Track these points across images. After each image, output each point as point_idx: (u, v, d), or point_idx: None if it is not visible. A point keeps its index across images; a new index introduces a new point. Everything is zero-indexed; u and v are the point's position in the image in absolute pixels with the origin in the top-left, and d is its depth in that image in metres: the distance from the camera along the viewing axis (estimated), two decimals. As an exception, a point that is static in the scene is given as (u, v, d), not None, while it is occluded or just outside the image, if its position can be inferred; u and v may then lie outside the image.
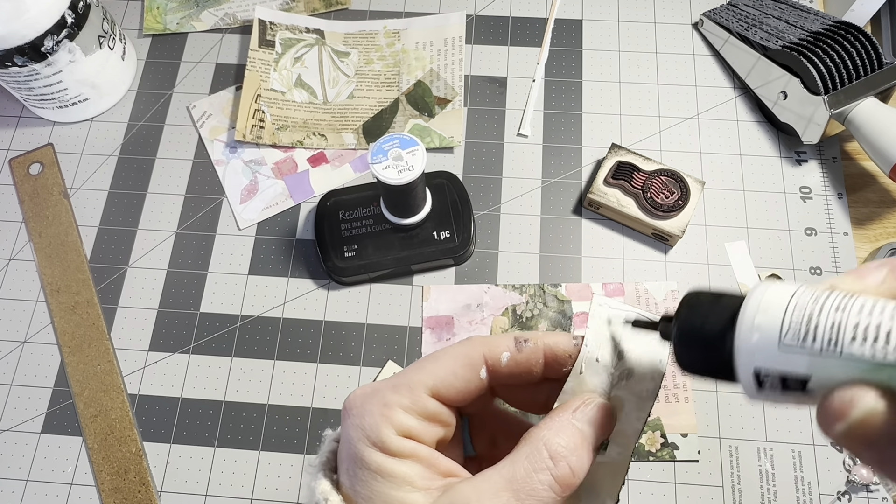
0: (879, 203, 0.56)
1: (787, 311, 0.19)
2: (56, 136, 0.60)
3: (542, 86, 0.60)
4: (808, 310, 0.19)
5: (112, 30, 0.58)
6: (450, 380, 0.26)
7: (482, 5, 0.64)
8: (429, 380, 0.25)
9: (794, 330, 0.19)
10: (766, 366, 0.19)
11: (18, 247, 0.56)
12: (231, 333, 0.52)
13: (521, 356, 0.26)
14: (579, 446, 0.24)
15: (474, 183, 0.57)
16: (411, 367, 0.26)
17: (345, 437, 0.25)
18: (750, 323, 0.20)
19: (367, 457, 0.24)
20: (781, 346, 0.19)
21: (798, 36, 0.55)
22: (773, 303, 0.19)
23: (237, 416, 0.50)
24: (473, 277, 0.54)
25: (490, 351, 0.26)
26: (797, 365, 0.18)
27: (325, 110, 0.60)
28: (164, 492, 0.48)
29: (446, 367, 0.26)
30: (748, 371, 0.20)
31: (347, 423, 0.25)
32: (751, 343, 0.19)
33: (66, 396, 0.51)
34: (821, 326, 0.18)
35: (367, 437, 0.24)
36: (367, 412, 0.25)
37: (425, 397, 0.25)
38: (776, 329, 0.19)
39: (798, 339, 0.18)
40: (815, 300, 0.19)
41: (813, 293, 0.19)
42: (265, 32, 0.61)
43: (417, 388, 0.25)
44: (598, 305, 0.27)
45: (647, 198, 0.53)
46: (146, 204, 0.57)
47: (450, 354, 0.26)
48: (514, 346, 0.26)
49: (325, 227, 0.53)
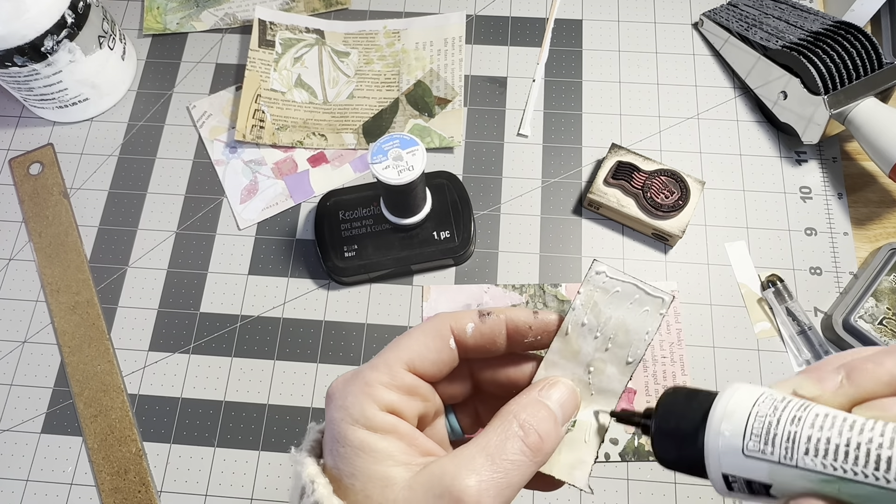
0: (879, 203, 0.56)
1: (749, 420, 0.20)
2: (56, 136, 0.60)
3: (542, 86, 0.60)
4: (768, 420, 0.20)
5: (112, 30, 0.58)
6: (423, 352, 0.27)
7: (482, 5, 0.64)
8: (404, 354, 0.27)
9: (755, 440, 0.20)
10: (732, 471, 0.20)
11: (18, 247, 0.56)
12: (231, 333, 0.52)
13: (484, 327, 0.28)
14: (546, 418, 0.26)
15: (474, 183, 0.57)
16: (387, 346, 0.28)
17: (328, 419, 0.26)
18: (717, 429, 0.21)
19: (349, 434, 0.25)
20: (745, 454, 0.20)
21: (798, 36, 0.55)
22: (737, 409, 0.21)
23: (237, 416, 0.50)
24: (473, 277, 0.54)
25: (456, 323, 0.28)
26: (759, 472, 0.20)
27: (325, 110, 0.60)
28: (164, 492, 0.48)
29: (418, 341, 0.27)
30: (717, 474, 0.21)
31: (330, 406, 0.26)
32: (718, 449, 0.21)
33: (66, 396, 0.51)
34: (778, 438, 0.19)
35: (350, 415, 0.25)
36: (349, 392, 0.26)
37: (403, 372, 0.27)
38: (739, 437, 0.20)
39: (759, 449, 0.20)
40: (774, 409, 0.20)
41: (773, 401, 0.20)
42: (265, 32, 0.61)
43: (394, 363, 0.27)
44: (595, 273, 0.28)
45: (647, 198, 0.53)
46: (146, 204, 0.57)
47: (420, 329, 0.28)
48: (477, 319, 0.28)
49: (325, 227, 0.53)
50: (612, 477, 0.48)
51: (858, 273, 0.52)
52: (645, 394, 0.50)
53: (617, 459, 0.48)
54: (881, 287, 0.50)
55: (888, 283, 0.50)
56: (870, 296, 0.49)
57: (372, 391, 0.26)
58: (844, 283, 0.52)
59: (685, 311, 0.52)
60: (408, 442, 0.26)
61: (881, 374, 0.20)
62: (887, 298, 0.49)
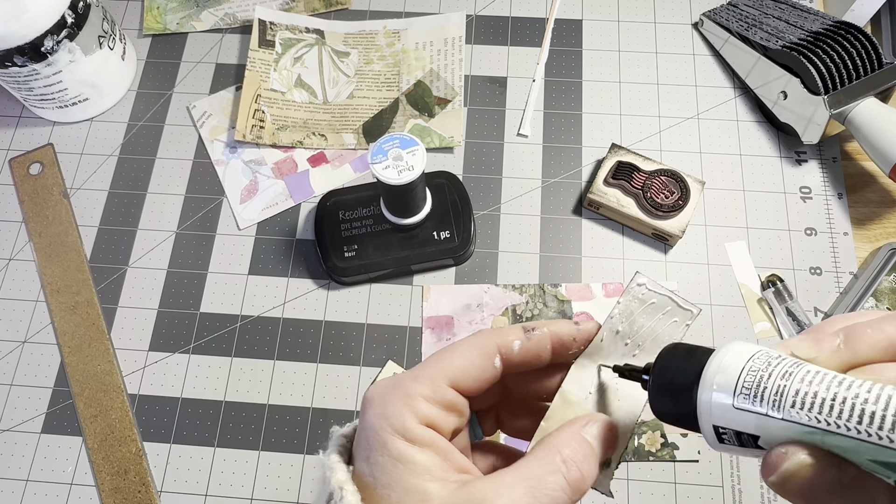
0: (879, 203, 0.56)
1: (742, 374, 0.21)
2: (56, 136, 0.60)
3: (542, 86, 0.60)
4: (760, 374, 0.20)
5: (112, 30, 0.58)
6: (467, 369, 0.27)
7: (482, 5, 0.64)
8: (448, 370, 0.27)
9: (746, 392, 0.20)
10: (723, 423, 0.21)
11: (18, 247, 0.56)
12: (231, 333, 0.52)
13: (530, 344, 0.28)
14: (588, 456, 0.26)
15: (474, 183, 0.57)
16: (430, 358, 0.27)
17: (366, 426, 0.26)
18: (710, 383, 0.21)
19: (389, 443, 0.25)
20: (735, 406, 0.20)
21: (798, 36, 0.55)
22: (731, 365, 0.21)
23: (237, 416, 0.50)
24: (473, 277, 0.54)
25: (502, 340, 0.28)
26: (748, 424, 0.20)
27: (325, 110, 0.60)
28: (164, 492, 0.48)
29: (464, 358, 0.27)
30: (708, 426, 0.21)
31: (369, 412, 0.26)
32: (710, 401, 0.21)
33: (66, 396, 0.51)
34: (768, 391, 0.20)
35: (391, 424, 0.25)
36: (390, 401, 0.26)
37: (445, 387, 0.26)
38: (731, 390, 0.21)
39: (748, 401, 0.20)
40: (767, 365, 0.20)
41: (768, 358, 0.21)
42: (265, 32, 0.61)
43: (438, 378, 0.26)
44: (636, 285, 0.29)
45: (647, 198, 0.53)
46: (146, 204, 0.57)
47: (466, 345, 0.28)
48: (523, 335, 0.28)
49: (325, 227, 0.53)
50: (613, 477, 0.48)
51: (858, 273, 0.52)
52: (645, 394, 0.50)
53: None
54: (881, 287, 0.50)
55: (888, 283, 0.50)
56: (870, 296, 0.49)
57: (413, 403, 0.26)
58: (844, 283, 0.52)
59: (685, 311, 0.52)
60: (444, 457, 0.25)
61: (879, 340, 0.20)
62: (887, 298, 0.49)
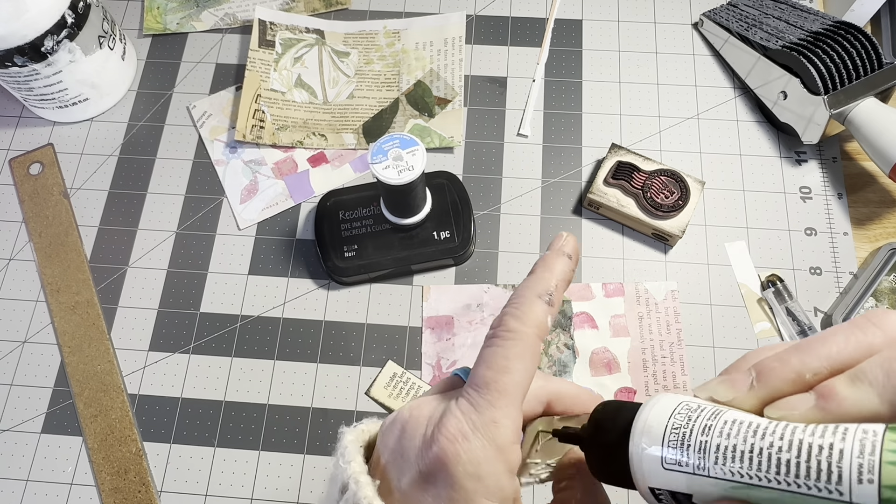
0: (879, 203, 0.56)
1: (666, 434, 0.20)
2: (56, 136, 0.60)
3: (542, 86, 0.60)
4: (682, 431, 0.20)
5: (112, 30, 0.58)
6: (528, 382, 0.25)
7: (482, 5, 0.64)
8: (516, 394, 0.24)
9: (672, 452, 0.20)
10: (656, 484, 0.21)
11: (18, 247, 0.56)
12: (231, 333, 0.52)
13: (553, 309, 0.26)
14: None
15: (474, 183, 0.57)
16: (489, 381, 0.24)
17: (452, 483, 0.23)
18: (637, 445, 0.21)
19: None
20: (664, 467, 0.20)
21: (798, 36, 0.55)
22: (655, 423, 0.21)
23: (237, 416, 0.50)
24: (473, 277, 0.54)
25: (542, 329, 0.26)
26: (679, 483, 0.20)
27: (325, 110, 0.60)
28: (164, 492, 0.48)
29: (522, 371, 0.25)
30: (644, 487, 0.21)
31: (458, 470, 0.23)
32: (641, 463, 0.21)
33: (66, 396, 0.51)
34: (691, 448, 0.20)
35: (486, 488, 0.23)
36: (484, 458, 0.23)
37: (520, 418, 0.24)
38: (658, 451, 0.20)
39: (675, 461, 0.20)
40: (688, 420, 0.20)
41: (688, 411, 0.21)
42: (265, 32, 0.61)
43: (512, 410, 0.24)
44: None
45: (647, 198, 0.53)
46: (146, 204, 0.57)
47: (516, 353, 0.25)
48: (548, 308, 0.26)
49: (325, 227, 0.53)
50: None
51: (858, 273, 0.52)
52: (645, 394, 0.50)
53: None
54: (881, 287, 0.50)
55: (888, 283, 0.50)
56: (870, 296, 0.49)
57: (506, 457, 0.23)
58: (844, 283, 0.52)
59: (685, 311, 0.52)
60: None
61: (786, 373, 0.20)
62: (887, 298, 0.49)
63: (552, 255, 0.27)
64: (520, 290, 0.26)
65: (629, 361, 0.51)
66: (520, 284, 0.27)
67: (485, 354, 0.25)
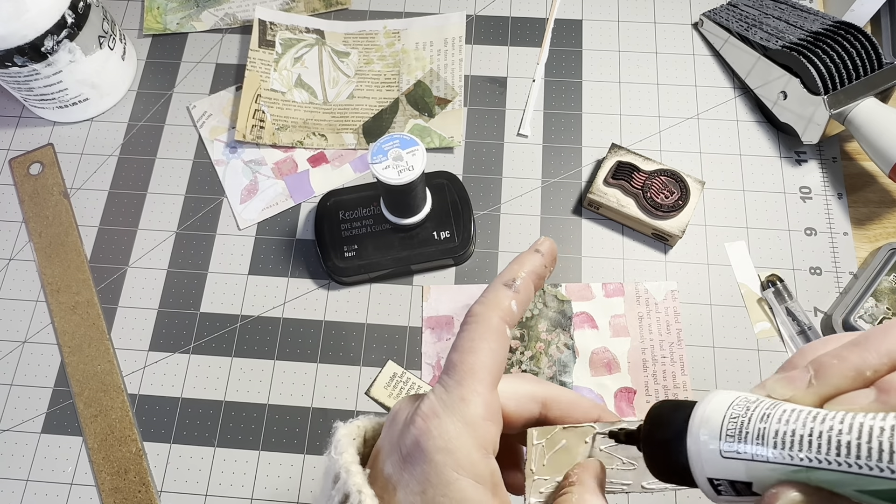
0: (879, 203, 0.56)
1: (724, 423, 0.21)
2: (56, 136, 0.60)
3: (542, 86, 0.60)
4: (740, 420, 0.20)
5: (112, 30, 0.58)
6: (496, 361, 0.26)
7: (482, 5, 0.64)
8: (484, 374, 0.26)
9: (730, 441, 0.20)
10: (715, 474, 0.21)
11: (18, 247, 0.56)
12: (231, 333, 0.52)
13: (521, 296, 0.27)
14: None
15: (474, 183, 0.57)
16: (456, 366, 0.25)
17: (424, 458, 0.24)
18: (696, 436, 0.21)
19: (454, 484, 0.24)
20: (723, 456, 0.20)
21: (798, 36, 0.55)
22: (713, 415, 0.21)
23: (237, 416, 0.50)
24: (473, 277, 0.54)
25: (501, 311, 0.27)
26: (738, 472, 0.20)
27: (325, 110, 0.60)
28: (164, 492, 0.48)
29: (487, 351, 0.26)
30: (703, 479, 0.21)
31: (429, 444, 0.24)
32: (699, 455, 0.21)
33: (66, 396, 0.51)
34: (750, 436, 0.20)
35: (457, 461, 0.24)
36: (453, 434, 0.24)
37: (493, 397, 0.25)
38: (716, 440, 0.21)
39: (734, 449, 0.20)
40: (746, 410, 0.21)
41: (746, 403, 0.21)
42: (265, 32, 0.61)
43: (482, 389, 0.25)
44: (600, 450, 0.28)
45: (647, 198, 0.53)
46: (146, 204, 0.57)
47: (478, 336, 0.26)
48: (511, 294, 0.27)
49: (325, 227, 0.53)
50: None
51: (858, 273, 0.52)
52: (645, 394, 0.50)
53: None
54: (881, 287, 0.50)
55: (888, 283, 0.50)
56: (869, 296, 0.49)
57: (477, 432, 0.24)
58: (844, 283, 0.52)
59: (685, 310, 0.52)
60: (494, 492, 0.24)
61: (845, 370, 0.20)
62: (887, 298, 0.49)
63: (525, 252, 0.29)
64: (491, 282, 0.28)
65: (629, 361, 0.51)
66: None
67: (455, 341, 0.26)
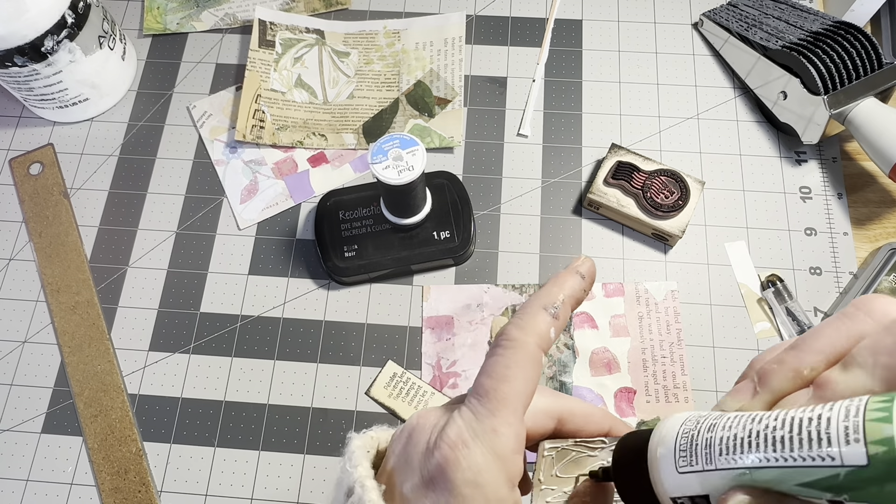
0: (879, 203, 0.56)
1: (678, 440, 0.21)
2: (56, 136, 0.60)
3: (542, 86, 0.60)
4: (690, 434, 0.20)
5: (112, 30, 0.58)
6: (528, 391, 0.25)
7: (482, 5, 0.64)
8: (516, 402, 0.25)
9: (684, 456, 0.20)
10: (676, 493, 0.21)
11: (18, 247, 0.56)
12: (231, 333, 0.52)
13: (559, 322, 0.26)
14: None
15: (474, 183, 0.57)
16: (490, 389, 0.24)
17: (454, 491, 0.23)
18: (654, 456, 0.21)
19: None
20: (679, 472, 0.21)
21: (798, 36, 0.55)
22: (667, 434, 0.21)
23: (237, 416, 0.50)
24: (473, 277, 0.54)
25: (541, 339, 0.26)
26: (694, 486, 0.20)
27: (325, 110, 0.60)
28: (164, 492, 0.48)
29: (522, 380, 0.25)
30: (666, 499, 0.21)
31: (457, 477, 0.23)
32: (659, 475, 0.21)
33: (66, 396, 0.51)
34: (699, 447, 0.20)
35: (485, 496, 0.23)
36: (484, 467, 0.23)
37: (523, 427, 0.25)
38: (671, 458, 0.21)
39: (687, 464, 0.20)
40: (696, 424, 0.21)
41: (697, 418, 0.21)
42: (265, 33, 0.61)
43: (514, 419, 0.24)
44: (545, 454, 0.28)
45: (647, 198, 0.53)
46: (146, 204, 0.57)
47: (515, 362, 0.25)
48: (551, 321, 0.26)
49: (325, 227, 0.53)
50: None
51: (858, 273, 0.52)
52: (645, 394, 0.50)
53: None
54: (881, 287, 0.50)
55: (888, 283, 0.50)
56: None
57: (507, 466, 0.23)
58: (844, 283, 0.52)
59: (685, 310, 0.52)
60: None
61: (785, 373, 0.21)
62: (887, 298, 0.49)
63: (565, 273, 0.27)
64: (527, 302, 0.26)
65: (629, 361, 0.51)
66: (529, 298, 0.27)
67: (486, 364, 0.25)
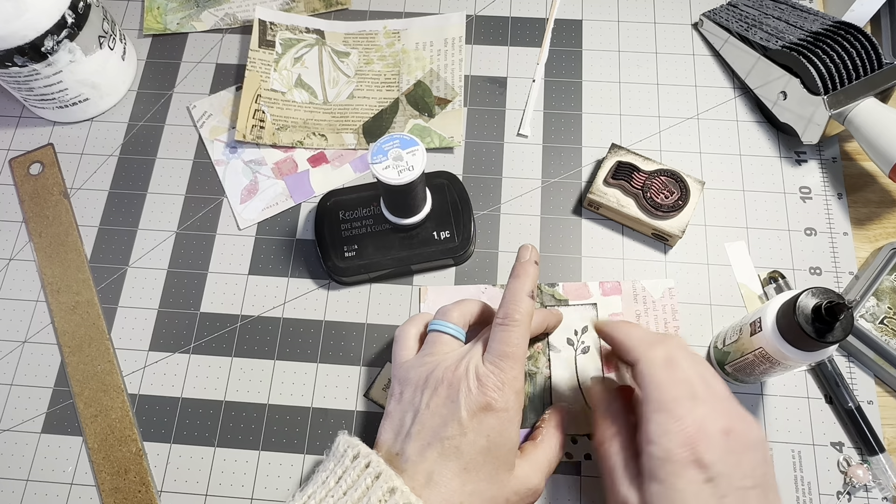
0: (879, 203, 0.56)
1: None
2: (56, 136, 0.60)
3: (542, 86, 0.60)
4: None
5: (112, 30, 0.58)
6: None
7: (482, 5, 0.64)
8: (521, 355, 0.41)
9: None
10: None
11: (19, 247, 0.56)
12: (231, 333, 0.52)
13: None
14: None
15: (474, 183, 0.57)
16: (494, 338, 0.41)
17: (493, 436, 0.38)
18: None
19: (511, 463, 0.40)
20: None
21: (798, 36, 0.55)
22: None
23: (237, 416, 0.50)
24: (473, 277, 0.54)
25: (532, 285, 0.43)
26: None
27: (325, 110, 0.60)
28: (164, 492, 0.48)
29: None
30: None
31: (493, 422, 0.38)
32: None
33: (67, 396, 0.51)
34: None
35: (511, 441, 0.40)
36: (513, 418, 0.39)
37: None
38: None
39: None
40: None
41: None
42: (265, 33, 0.61)
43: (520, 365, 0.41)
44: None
45: (646, 198, 0.53)
46: (146, 204, 0.57)
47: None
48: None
49: (325, 227, 0.53)
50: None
51: (858, 273, 0.52)
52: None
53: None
54: (882, 286, 0.50)
55: (889, 283, 0.50)
56: (871, 295, 0.49)
57: (519, 398, 0.39)
58: (844, 283, 0.52)
59: (685, 310, 0.52)
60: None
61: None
62: (888, 298, 0.49)
63: (527, 263, 0.42)
64: (514, 291, 0.41)
65: (629, 361, 0.51)
66: (509, 286, 0.41)
67: (500, 336, 0.39)
